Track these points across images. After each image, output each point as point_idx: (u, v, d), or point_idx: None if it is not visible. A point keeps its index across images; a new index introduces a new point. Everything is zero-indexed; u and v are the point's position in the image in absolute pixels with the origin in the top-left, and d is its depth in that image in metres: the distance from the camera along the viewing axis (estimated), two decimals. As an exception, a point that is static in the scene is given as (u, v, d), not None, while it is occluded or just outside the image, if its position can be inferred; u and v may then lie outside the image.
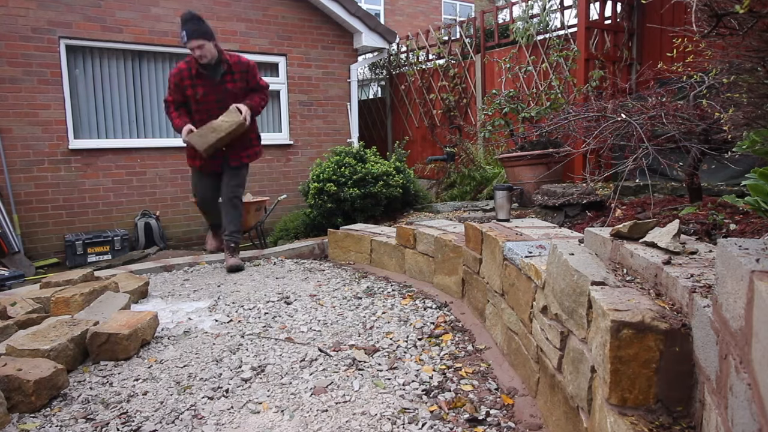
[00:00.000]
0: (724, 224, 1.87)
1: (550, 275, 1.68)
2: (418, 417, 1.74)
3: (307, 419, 1.76)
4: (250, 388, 2.00)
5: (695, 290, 1.16)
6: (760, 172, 1.61)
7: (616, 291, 1.32)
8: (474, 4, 15.14)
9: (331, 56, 7.45)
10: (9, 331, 2.46)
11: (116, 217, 6.18)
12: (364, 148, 5.27)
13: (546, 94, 5.74)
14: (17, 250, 5.35)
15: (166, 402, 1.92)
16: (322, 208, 4.90)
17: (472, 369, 2.11)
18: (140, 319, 2.46)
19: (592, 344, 1.31)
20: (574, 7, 5.55)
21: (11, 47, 5.48)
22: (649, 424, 1.12)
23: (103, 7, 5.91)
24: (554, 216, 3.45)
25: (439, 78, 7.52)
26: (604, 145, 2.75)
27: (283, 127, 7.24)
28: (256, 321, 2.78)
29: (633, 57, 5.33)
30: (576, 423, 1.42)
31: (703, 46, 1.99)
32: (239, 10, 6.74)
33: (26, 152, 5.64)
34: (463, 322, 2.65)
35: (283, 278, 3.67)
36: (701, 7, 1.44)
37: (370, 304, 2.97)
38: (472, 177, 5.95)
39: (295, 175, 7.25)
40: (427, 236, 3.30)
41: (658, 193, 3.62)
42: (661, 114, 2.57)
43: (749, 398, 0.83)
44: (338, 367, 2.15)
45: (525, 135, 4.53)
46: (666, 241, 1.49)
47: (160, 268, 4.11)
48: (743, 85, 1.85)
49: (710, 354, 1.04)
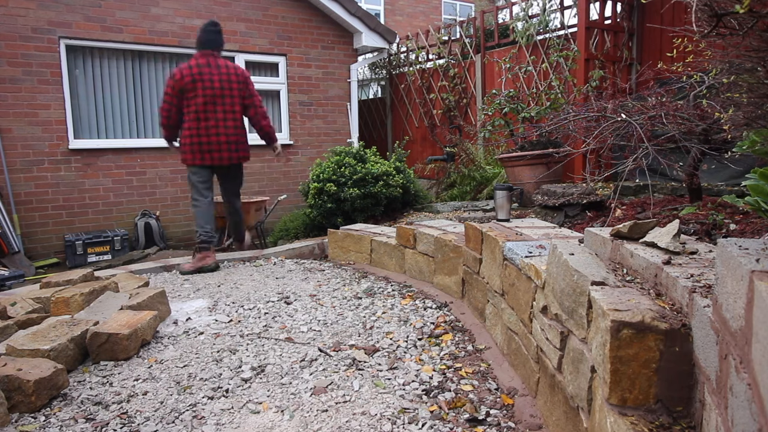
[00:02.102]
0: (724, 224, 1.87)
1: (550, 275, 1.68)
2: (418, 417, 1.74)
3: (307, 419, 1.76)
4: (250, 388, 2.00)
5: (695, 290, 1.16)
6: (760, 172, 1.61)
7: (616, 291, 1.32)
8: (474, 4, 15.13)
9: (331, 56, 7.45)
10: (9, 331, 2.46)
11: (116, 217, 6.18)
12: (364, 148, 5.26)
13: (546, 94, 5.73)
14: (17, 250, 5.35)
15: (166, 402, 1.92)
16: (322, 208, 4.90)
17: (472, 369, 2.11)
18: (140, 319, 2.46)
19: (592, 344, 1.31)
20: (574, 7, 5.55)
21: (11, 47, 5.48)
22: (649, 424, 1.12)
23: (103, 7, 5.91)
24: (554, 216, 3.45)
25: (439, 78, 7.51)
26: (604, 145, 2.75)
27: (283, 127, 7.24)
28: (256, 321, 2.78)
29: (633, 57, 5.33)
30: (576, 423, 1.42)
31: (703, 46, 1.99)
32: (239, 10, 6.74)
33: (26, 152, 5.64)
34: (463, 322, 2.65)
35: (283, 278, 3.67)
36: (701, 7, 1.44)
37: (370, 304, 2.97)
38: (472, 177, 5.94)
39: (295, 175, 7.25)
40: (427, 236, 3.30)
41: (658, 193, 3.62)
42: (661, 114, 2.56)
43: (749, 398, 0.83)
44: (338, 367, 2.15)
45: (525, 135, 4.53)
46: (666, 241, 1.49)
47: (160, 268, 4.11)
48: (743, 85, 1.85)
49: (710, 354, 1.04)
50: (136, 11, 6.10)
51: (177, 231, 6.54)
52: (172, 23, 6.26)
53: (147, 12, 6.16)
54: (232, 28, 6.69)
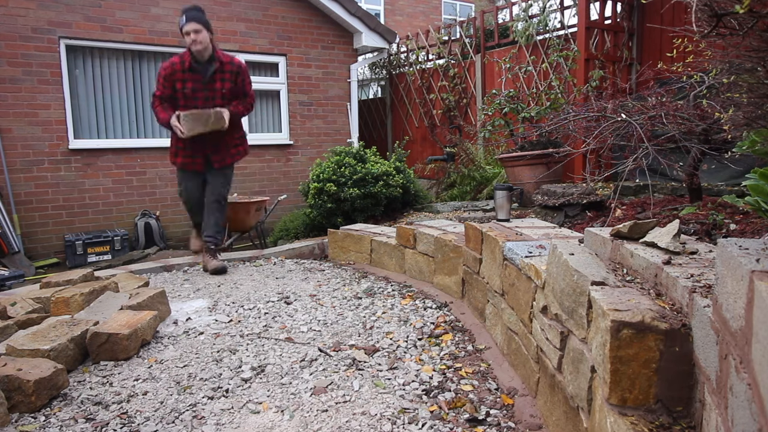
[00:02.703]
0: (724, 224, 1.87)
1: (550, 275, 1.68)
2: (418, 417, 1.74)
3: (307, 419, 1.76)
4: (250, 388, 2.00)
5: (695, 290, 1.16)
6: (761, 173, 1.61)
7: (616, 291, 1.32)
8: (474, 4, 15.12)
9: (331, 56, 7.45)
10: (9, 331, 2.46)
11: (116, 217, 6.18)
12: (364, 148, 5.27)
13: (546, 94, 5.74)
14: (17, 250, 5.36)
15: (166, 402, 1.92)
16: (322, 208, 4.90)
17: (472, 369, 2.11)
18: (140, 319, 2.46)
19: (592, 344, 1.31)
20: (574, 7, 5.55)
21: (11, 47, 5.48)
22: (649, 424, 1.12)
23: (103, 7, 5.91)
24: (554, 216, 3.45)
25: (439, 78, 7.52)
26: (604, 145, 2.75)
27: (283, 127, 7.24)
28: (256, 321, 2.78)
29: (633, 57, 5.33)
30: (576, 423, 1.42)
31: (703, 46, 1.99)
32: (239, 10, 6.74)
33: (26, 152, 5.64)
34: (463, 322, 2.65)
35: (283, 278, 3.67)
36: (701, 7, 1.44)
37: (370, 304, 2.97)
38: (472, 177, 5.94)
39: (295, 175, 7.25)
40: (427, 236, 3.30)
41: (658, 193, 3.62)
42: (661, 114, 2.56)
43: (749, 398, 0.83)
44: (338, 367, 2.15)
45: (525, 135, 4.53)
46: (666, 241, 1.49)
47: (160, 268, 4.11)
48: (743, 85, 1.85)
49: (710, 354, 1.04)
50: (136, 11, 6.11)
51: (177, 231, 6.54)
52: (172, 23, 6.26)
53: (147, 12, 6.17)
54: (232, 28, 6.69)
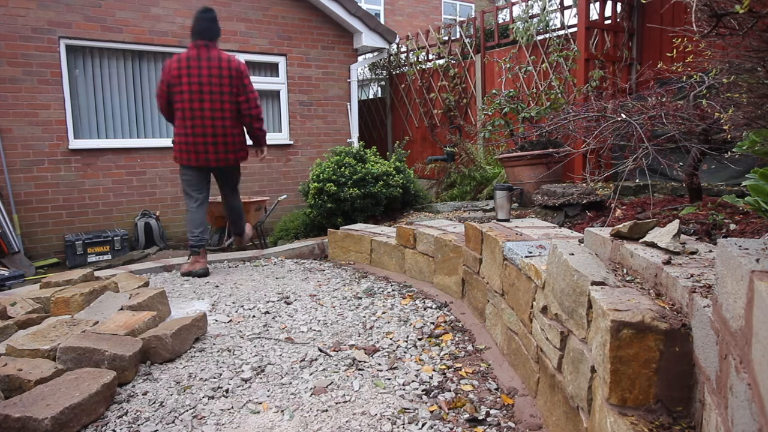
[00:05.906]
0: (724, 224, 1.87)
1: (550, 275, 1.68)
2: (418, 417, 1.74)
3: (307, 419, 1.76)
4: (250, 388, 2.00)
5: (695, 290, 1.16)
6: (761, 173, 1.61)
7: (616, 291, 1.32)
8: (474, 4, 15.13)
9: (331, 56, 7.45)
10: (9, 331, 2.46)
11: (116, 217, 6.18)
12: (364, 148, 5.26)
13: (546, 94, 5.74)
14: (17, 250, 5.35)
15: (166, 402, 1.92)
16: (322, 208, 4.90)
17: (472, 369, 2.11)
18: (138, 319, 2.46)
19: (592, 344, 1.31)
20: (574, 7, 5.55)
21: (11, 47, 5.48)
22: (649, 424, 1.12)
23: (103, 7, 5.91)
24: (554, 216, 3.45)
25: (439, 78, 7.51)
26: (604, 145, 2.75)
27: (283, 127, 7.24)
28: (256, 321, 2.78)
29: (633, 57, 5.33)
30: (576, 423, 1.42)
31: (703, 46, 1.99)
32: (239, 10, 6.74)
33: (26, 152, 5.64)
34: (463, 322, 2.65)
35: (283, 278, 3.67)
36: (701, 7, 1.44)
37: (370, 304, 2.97)
38: (472, 177, 5.94)
39: (295, 175, 7.25)
40: (427, 236, 3.30)
41: (658, 193, 3.62)
42: (661, 114, 2.56)
43: (749, 398, 0.83)
44: (338, 367, 2.15)
45: (525, 135, 4.53)
46: (666, 241, 1.49)
47: (160, 268, 4.11)
48: (743, 85, 1.85)
49: (710, 354, 1.04)
50: (136, 11, 6.10)
51: (177, 231, 6.54)
52: (172, 23, 6.26)
53: (147, 12, 6.16)
54: (232, 28, 6.69)
